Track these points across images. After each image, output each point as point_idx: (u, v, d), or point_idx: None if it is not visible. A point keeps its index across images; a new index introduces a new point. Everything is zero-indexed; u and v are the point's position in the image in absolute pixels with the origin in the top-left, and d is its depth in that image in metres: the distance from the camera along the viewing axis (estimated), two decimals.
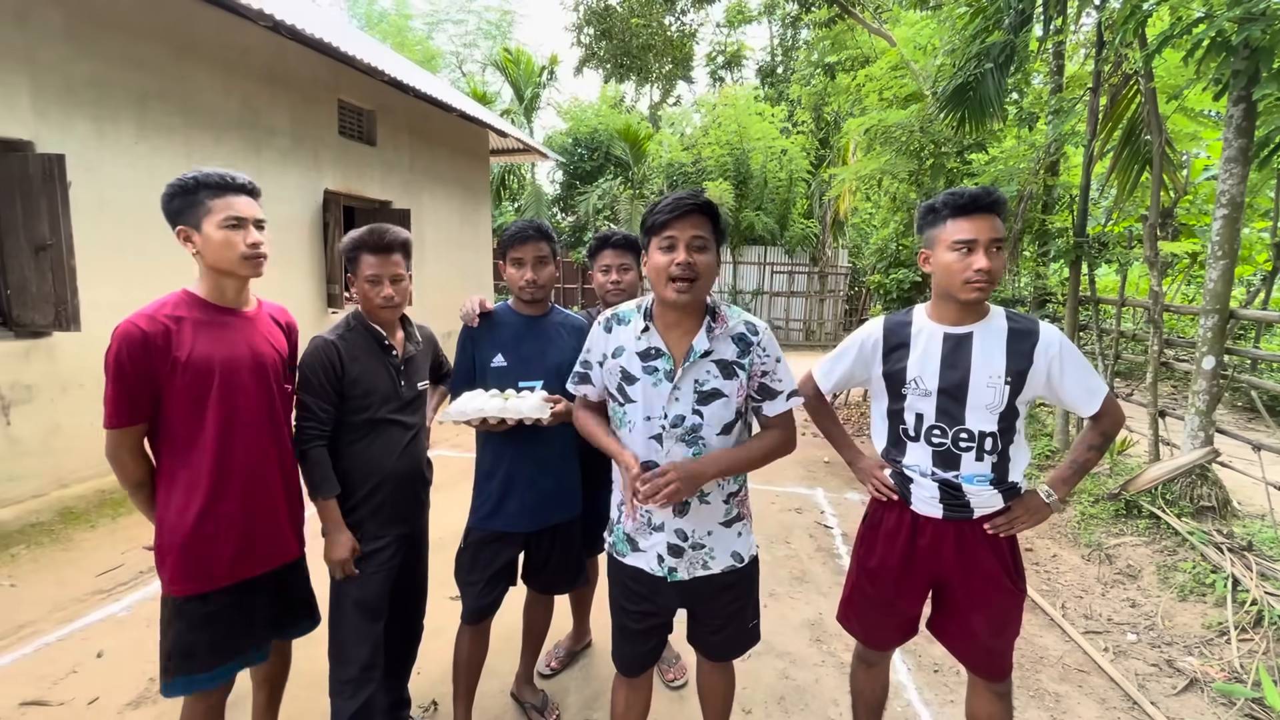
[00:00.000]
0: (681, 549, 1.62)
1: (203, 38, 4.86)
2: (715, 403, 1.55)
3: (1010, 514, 1.66)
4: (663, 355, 1.57)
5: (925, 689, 2.57)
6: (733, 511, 1.65)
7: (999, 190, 1.59)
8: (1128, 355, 5.11)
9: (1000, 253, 1.57)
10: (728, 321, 1.57)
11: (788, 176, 14.55)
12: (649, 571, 1.65)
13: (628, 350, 1.61)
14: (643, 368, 1.58)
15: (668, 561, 1.62)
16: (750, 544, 1.71)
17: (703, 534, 1.62)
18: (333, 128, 6.24)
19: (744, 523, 1.69)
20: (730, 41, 21.79)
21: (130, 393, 1.51)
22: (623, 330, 1.64)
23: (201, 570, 1.59)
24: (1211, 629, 2.91)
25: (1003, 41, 4.56)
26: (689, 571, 1.63)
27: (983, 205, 1.55)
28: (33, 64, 3.78)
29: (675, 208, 1.48)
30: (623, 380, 1.61)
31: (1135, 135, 4.54)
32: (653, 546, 1.64)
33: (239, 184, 1.61)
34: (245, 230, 1.60)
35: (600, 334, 1.68)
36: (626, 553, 1.69)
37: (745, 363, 1.56)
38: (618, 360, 1.62)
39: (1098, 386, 1.62)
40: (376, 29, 22.39)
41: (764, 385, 1.59)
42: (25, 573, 3.39)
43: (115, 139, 4.24)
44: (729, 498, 1.63)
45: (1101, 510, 4.06)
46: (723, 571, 1.65)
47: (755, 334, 1.57)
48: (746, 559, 1.68)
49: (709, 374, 1.55)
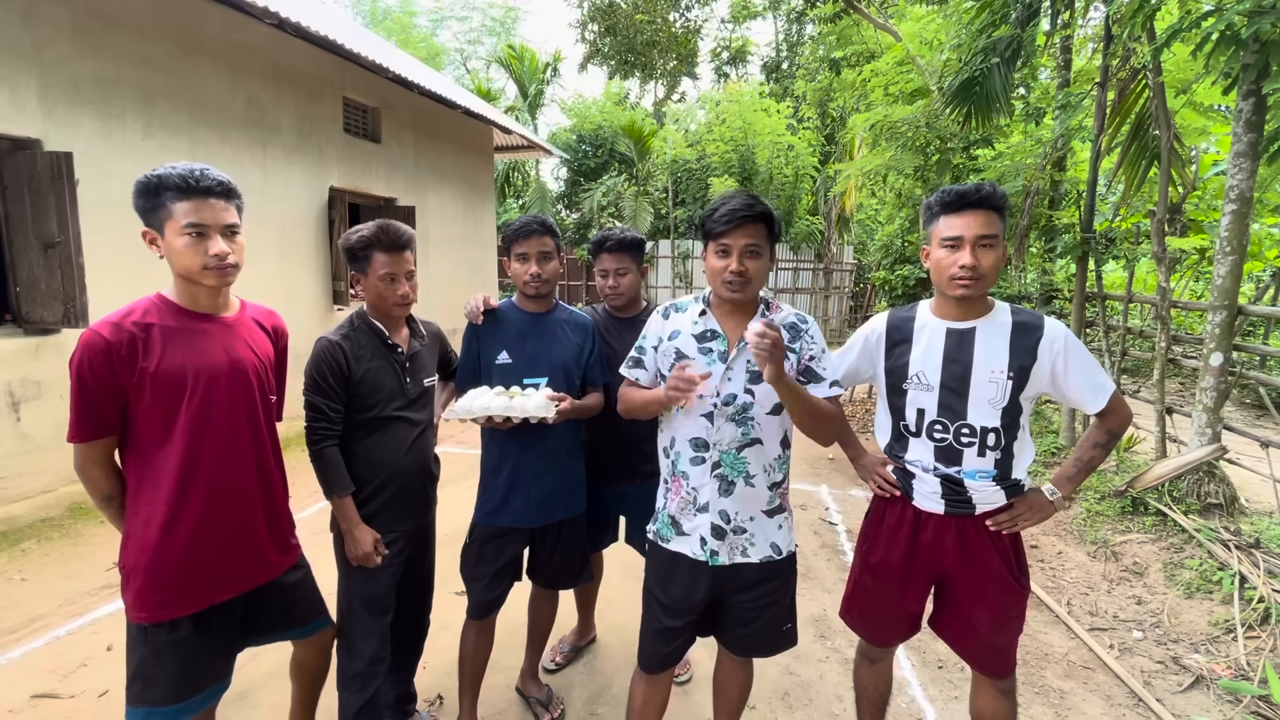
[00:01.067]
0: (724, 531, 1.66)
1: (209, 36, 4.88)
2: (765, 384, 1.58)
3: (1013, 511, 1.66)
4: (718, 337, 1.66)
5: (929, 685, 2.57)
6: (775, 501, 1.70)
7: (992, 185, 1.58)
8: (1134, 352, 5.07)
9: (991, 249, 1.56)
10: (779, 311, 1.69)
11: (793, 173, 14.49)
12: (691, 557, 1.69)
13: (684, 333, 1.69)
14: (698, 349, 1.66)
15: (710, 544, 1.67)
16: (790, 540, 1.74)
17: (745, 519, 1.67)
18: (338, 125, 6.26)
19: (785, 515, 1.73)
20: (735, 37, 21.71)
21: (94, 406, 1.41)
22: (680, 317, 1.73)
23: (167, 595, 1.48)
24: (1218, 626, 2.90)
25: (1009, 36, 4.53)
26: (729, 556, 1.67)
27: (970, 202, 1.55)
28: (40, 62, 3.81)
29: (730, 218, 1.55)
30: (676, 360, 1.67)
31: (1143, 130, 4.50)
32: (696, 529, 1.69)
33: (204, 185, 1.44)
34: (209, 239, 1.45)
35: (658, 320, 1.78)
36: (670, 537, 1.73)
37: (795, 347, 1.65)
38: (673, 342, 1.70)
39: (1104, 383, 1.61)
40: (381, 26, 22.39)
41: (809, 368, 1.66)
42: (36, 567, 3.43)
43: (122, 137, 4.26)
44: (773, 486, 1.69)
45: (1107, 507, 4.04)
46: (760, 561, 1.69)
47: (805, 324, 1.69)
48: (785, 553, 1.72)
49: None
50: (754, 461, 1.65)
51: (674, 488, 1.72)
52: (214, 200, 1.47)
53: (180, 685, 1.51)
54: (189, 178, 1.43)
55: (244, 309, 1.66)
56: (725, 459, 1.64)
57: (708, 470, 1.66)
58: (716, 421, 1.63)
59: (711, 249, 1.61)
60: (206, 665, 1.57)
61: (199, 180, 1.44)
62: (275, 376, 1.72)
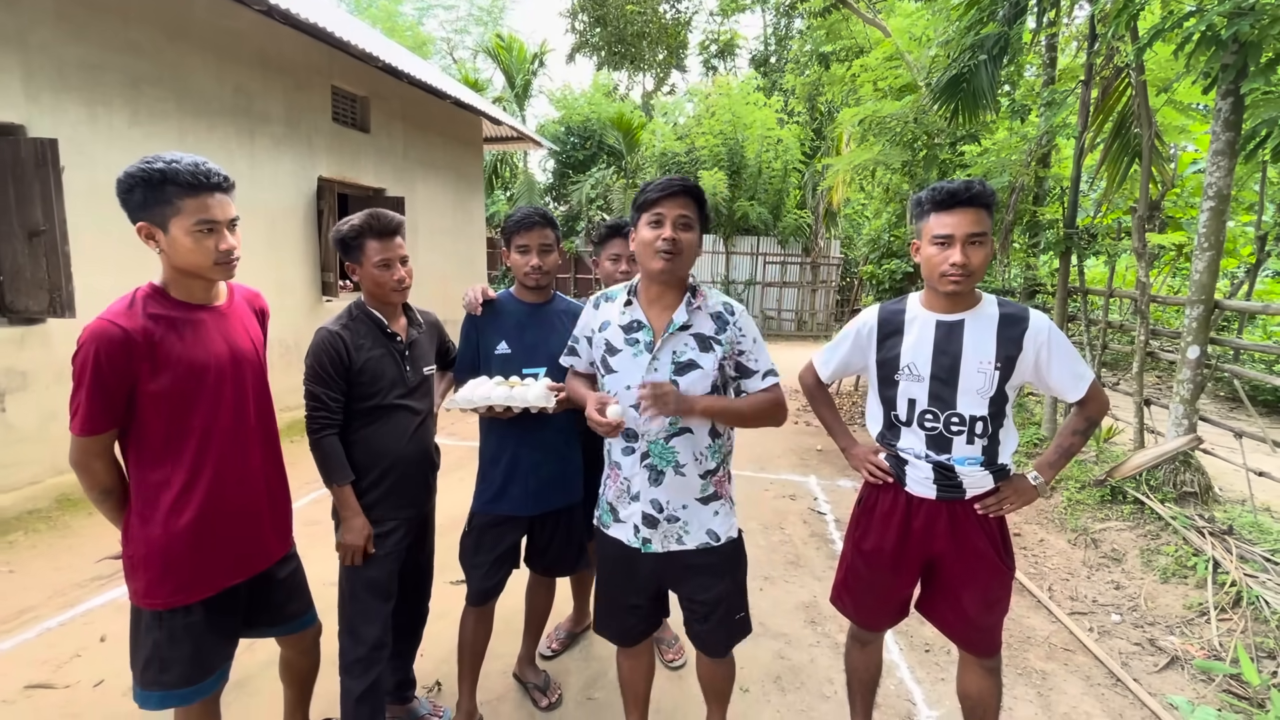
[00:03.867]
0: (656, 520, 1.69)
1: (196, 22, 4.81)
2: (692, 373, 1.64)
3: (1000, 495, 1.72)
4: (644, 328, 1.68)
5: (917, 668, 2.65)
6: (709, 489, 1.71)
7: (982, 183, 1.61)
8: (1114, 345, 5.20)
9: (981, 246, 1.60)
10: (707, 299, 1.69)
11: (782, 167, 14.56)
12: (626, 543, 1.73)
13: (612, 324, 1.72)
14: (625, 339, 1.69)
15: (643, 532, 1.70)
16: (729, 525, 1.75)
17: (677, 506, 1.68)
18: (326, 114, 6.19)
19: (722, 503, 1.74)
20: (724, 30, 21.69)
21: (108, 397, 1.39)
22: (609, 307, 1.76)
23: (182, 581, 1.50)
24: (1192, 609, 3.00)
25: (997, 33, 4.59)
26: (663, 545, 1.70)
27: (961, 200, 1.59)
28: (25, 47, 3.73)
29: (665, 188, 1.60)
30: (606, 352, 1.72)
31: (1125, 128, 4.59)
32: (630, 516, 1.72)
33: (213, 181, 1.44)
34: (218, 235, 1.45)
35: (590, 310, 1.82)
36: (609, 523, 1.78)
37: (722, 339, 1.66)
38: (603, 334, 1.74)
39: (1084, 372, 1.67)
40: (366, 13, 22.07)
41: (740, 364, 1.68)
42: (24, 559, 3.40)
43: (108, 123, 4.19)
44: (705, 474, 1.69)
45: (1088, 496, 4.15)
46: (697, 548, 1.70)
47: (732, 314, 1.68)
48: (723, 539, 1.72)
49: (686, 346, 1.65)
50: (683, 450, 1.65)
51: (611, 475, 1.77)
52: (220, 195, 1.46)
53: (194, 668, 1.55)
54: (198, 173, 1.41)
55: (233, 294, 1.66)
56: (654, 449, 1.66)
57: (638, 460, 1.68)
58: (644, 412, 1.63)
59: (644, 220, 1.61)
60: (217, 648, 1.61)
61: (208, 176, 1.43)
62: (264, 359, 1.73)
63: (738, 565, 1.79)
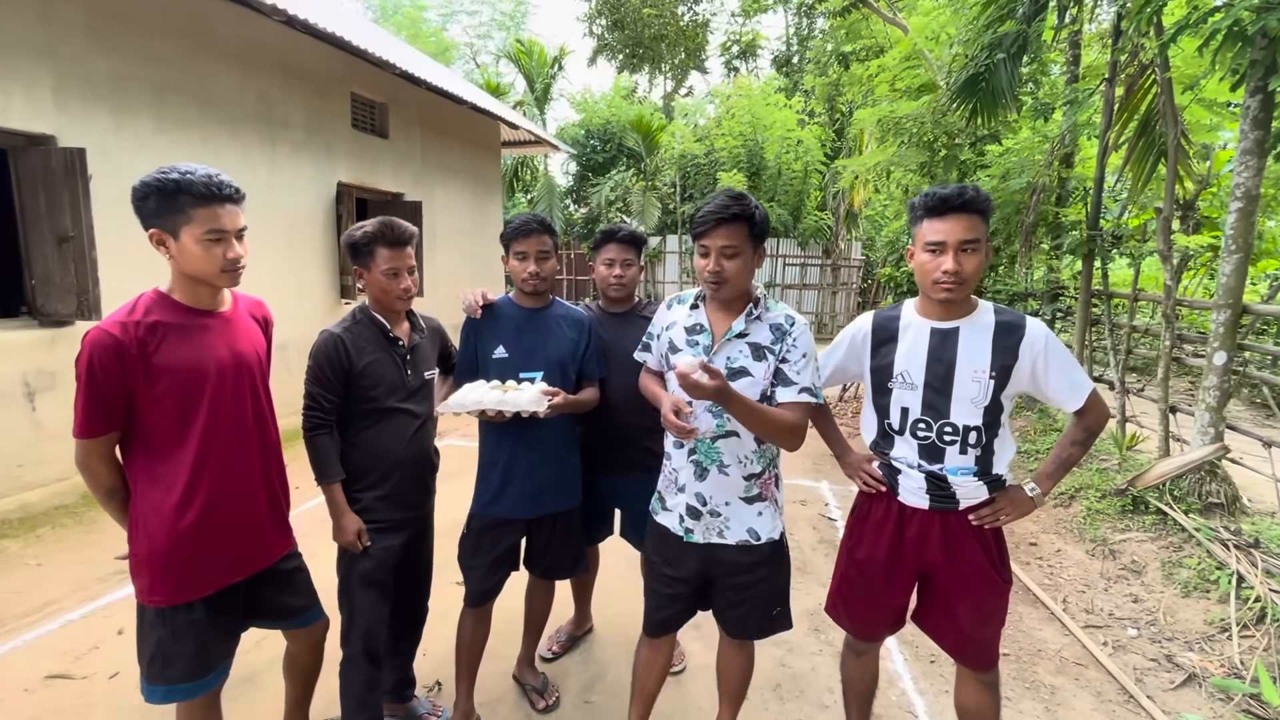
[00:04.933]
0: (699, 512, 1.77)
1: (219, 32, 4.94)
2: (742, 380, 1.68)
3: (995, 505, 1.68)
4: (704, 331, 1.76)
5: (920, 679, 2.60)
6: (753, 490, 1.76)
7: (975, 189, 1.58)
8: (1141, 350, 5.05)
9: (974, 253, 1.57)
10: (768, 311, 1.73)
11: (803, 168, 14.42)
12: (671, 530, 1.83)
13: (678, 324, 1.82)
14: (686, 340, 1.78)
15: (686, 522, 1.79)
16: (772, 527, 1.79)
17: (720, 503, 1.75)
18: (345, 120, 6.31)
19: (766, 504, 1.78)
20: (745, 31, 21.59)
21: (103, 402, 1.45)
22: (679, 309, 1.85)
23: (183, 580, 1.55)
24: (1213, 625, 2.90)
25: (1015, 31, 4.50)
26: (705, 536, 1.77)
27: (953, 206, 1.56)
28: (55, 59, 3.88)
29: (708, 219, 1.63)
30: (669, 350, 1.82)
31: (1150, 126, 4.46)
32: (676, 506, 1.82)
33: (225, 193, 1.50)
34: (226, 244, 1.52)
35: (663, 310, 1.92)
36: (659, 510, 1.89)
37: (776, 349, 1.69)
38: (669, 332, 1.83)
39: (1082, 382, 1.63)
40: (391, 20, 22.46)
41: (780, 370, 1.69)
42: (50, 553, 3.52)
43: (134, 132, 4.34)
44: (749, 477, 1.75)
45: (1108, 506, 4.03)
46: (736, 544, 1.77)
47: (791, 325, 1.71)
48: (764, 539, 1.77)
49: (741, 353, 1.71)
50: (728, 452, 1.72)
51: (664, 467, 1.88)
52: (231, 206, 1.52)
53: (196, 663, 1.60)
54: (210, 185, 1.47)
55: (237, 302, 1.70)
56: (700, 447, 1.74)
57: (685, 455, 1.77)
58: (696, 409, 1.71)
59: (697, 248, 1.70)
60: (219, 645, 1.66)
61: (220, 188, 1.49)
62: (266, 364, 1.77)
63: (778, 566, 1.84)
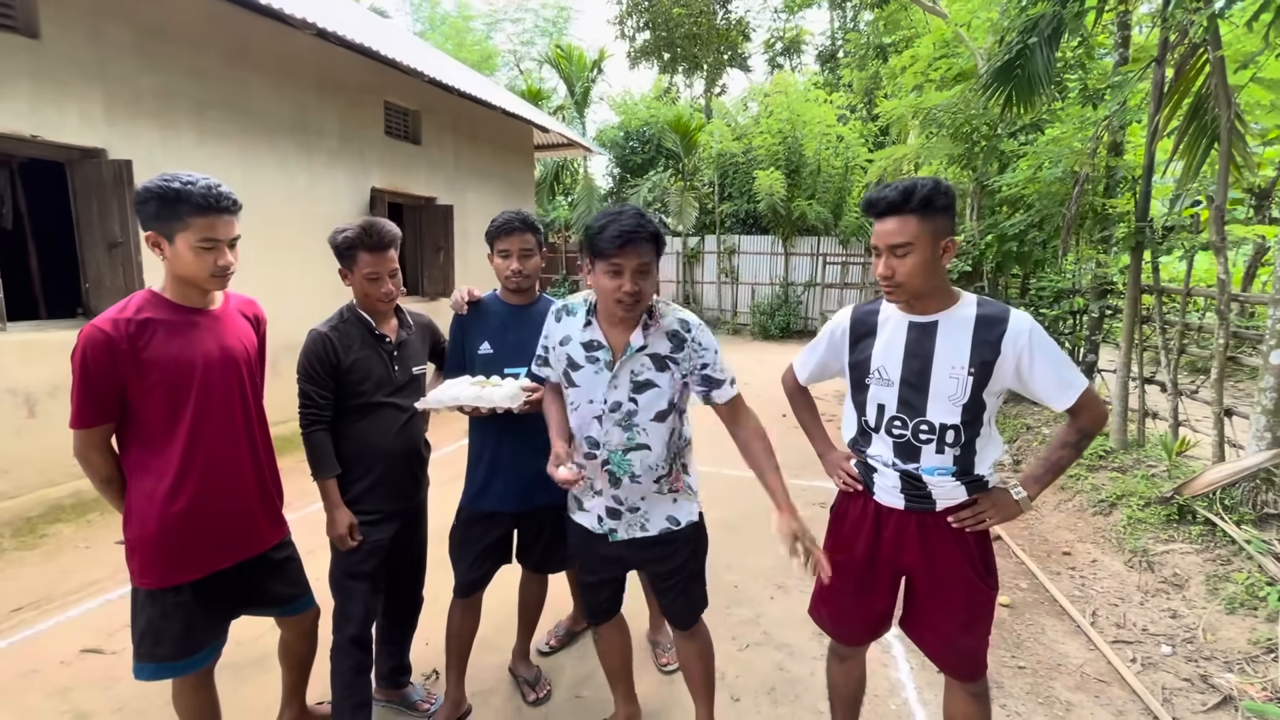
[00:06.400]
0: (619, 511, 1.81)
1: (257, 48, 5.21)
2: (649, 392, 1.70)
3: (977, 507, 1.60)
4: (603, 348, 1.72)
5: (925, 689, 2.50)
6: (665, 488, 1.79)
7: (909, 188, 1.47)
8: (1196, 349, 4.70)
9: (907, 256, 1.49)
10: (662, 319, 1.71)
11: (843, 165, 14.09)
12: (590, 529, 1.86)
13: (574, 340, 1.76)
14: (586, 357, 1.74)
15: (607, 522, 1.82)
16: (690, 510, 1.85)
17: (636, 500, 1.77)
18: (379, 128, 6.54)
19: (681, 494, 1.82)
20: (789, 27, 21.28)
21: (95, 394, 1.52)
22: (571, 321, 1.79)
23: (171, 564, 1.62)
24: (1258, 645, 2.68)
25: (1050, 13, 4.27)
26: (627, 532, 1.80)
27: (878, 210, 1.51)
28: (105, 78, 4.17)
29: (620, 239, 1.55)
30: (568, 367, 1.76)
31: (1203, 110, 4.15)
32: (593, 507, 1.84)
33: (222, 204, 1.57)
34: (218, 252, 1.58)
35: (552, 323, 1.84)
36: (575, 510, 1.91)
37: (679, 357, 1.70)
38: (565, 348, 1.78)
39: (1073, 379, 1.53)
40: (438, 31, 23.16)
41: (706, 376, 1.71)
42: (98, 536, 3.78)
43: (177, 145, 4.62)
44: (659, 479, 1.76)
45: (1152, 514, 3.78)
46: (660, 533, 1.82)
47: (688, 330, 1.71)
48: (684, 523, 1.83)
49: (644, 366, 1.70)
50: (638, 463, 1.73)
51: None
52: (227, 216, 1.58)
53: (185, 643, 1.68)
54: (209, 196, 1.53)
55: (228, 301, 1.77)
56: (613, 458, 1.75)
57: (599, 465, 1.76)
58: (605, 424, 1.73)
59: (601, 268, 1.60)
60: (207, 626, 1.73)
61: (218, 199, 1.55)
62: (258, 360, 1.85)
63: (698, 542, 1.89)
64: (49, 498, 3.93)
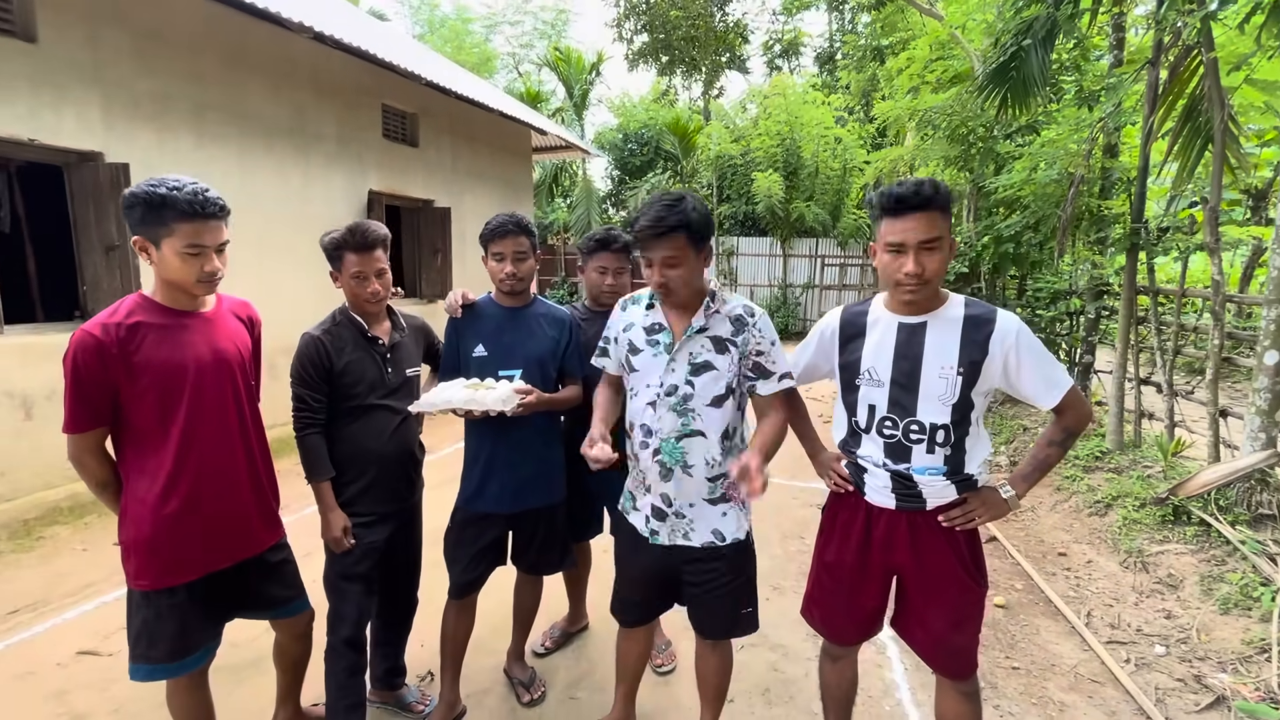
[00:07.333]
0: (665, 513, 1.78)
1: (254, 51, 5.22)
2: (707, 374, 1.69)
3: (965, 506, 1.61)
4: (664, 330, 1.76)
5: (919, 690, 2.50)
6: (717, 492, 1.75)
7: (934, 185, 1.50)
8: (1190, 350, 4.71)
9: (935, 251, 1.50)
10: (724, 304, 1.74)
11: (841, 166, 14.11)
12: (637, 531, 1.84)
13: (636, 325, 1.81)
14: (646, 340, 1.77)
15: (652, 524, 1.79)
16: (736, 528, 1.78)
17: (684, 504, 1.74)
18: (376, 131, 6.56)
19: (732, 505, 1.77)
20: (787, 29, 21.32)
21: (87, 399, 1.52)
22: (635, 309, 1.85)
23: (167, 566, 1.62)
24: (1252, 645, 2.68)
25: (1044, 15, 4.29)
26: (670, 538, 1.77)
27: (909, 205, 1.49)
28: (103, 82, 4.18)
29: (645, 232, 1.62)
30: (629, 352, 1.81)
31: (1196, 111, 4.17)
32: (643, 506, 1.83)
33: (209, 211, 1.55)
34: (205, 258, 1.58)
35: (618, 312, 1.90)
36: (629, 509, 1.90)
37: (739, 340, 1.70)
38: (628, 334, 1.82)
39: (1058, 378, 1.54)
40: (437, 34, 23.19)
41: (758, 364, 1.71)
42: (96, 539, 3.78)
43: (175, 148, 4.63)
44: (714, 478, 1.73)
45: (1147, 515, 3.78)
46: (702, 546, 1.77)
47: (752, 316, 1.73)
48: (728, 540, 1.77)
49: (703, 348, 1.71)
50: (692, 452, 1.70)
51: (632, 465, 1.87)
52: (214, 222, 1.57)
53: (179, 645, 1.68)
54: (195, 202, 1.52)
55: (220, 303, 1.77)
56: (664, 446, 1.72)
57: (650, 455, 1.74)
58: (659, 410, 1.72)
59: (642, 260, 1.69)
60: (202, 628, 1.73)
61: (204, 205, 1.54)
62: (253, 362, 1.85)
63: (743, 565, 1.83)
64: (46, 500, 3.94)
